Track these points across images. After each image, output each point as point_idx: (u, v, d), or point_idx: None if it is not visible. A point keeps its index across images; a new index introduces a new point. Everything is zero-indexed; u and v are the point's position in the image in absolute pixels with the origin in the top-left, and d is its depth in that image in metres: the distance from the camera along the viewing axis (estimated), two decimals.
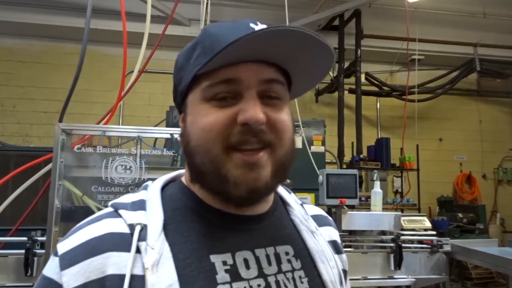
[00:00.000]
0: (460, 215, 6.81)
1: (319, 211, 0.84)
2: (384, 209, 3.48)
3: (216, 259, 0.60)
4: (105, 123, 2.53)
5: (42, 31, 6.43)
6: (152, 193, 0.66)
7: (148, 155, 2.33)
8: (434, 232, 3.21)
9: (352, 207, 3.04)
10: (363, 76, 6.85)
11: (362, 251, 3.03)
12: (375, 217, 3.12)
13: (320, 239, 0.74)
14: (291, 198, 0.79)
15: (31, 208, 2.49)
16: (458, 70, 7.39)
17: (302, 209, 0.78)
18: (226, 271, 0.60)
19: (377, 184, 3.33)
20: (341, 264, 0.76)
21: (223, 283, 0.58)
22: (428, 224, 3.25)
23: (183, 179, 0.71)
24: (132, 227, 0.59)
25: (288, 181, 2.63)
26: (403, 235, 3.05)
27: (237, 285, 0.59)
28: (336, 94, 6.78)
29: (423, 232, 3.18)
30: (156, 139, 3.00)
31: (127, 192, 2.31)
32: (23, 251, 2.24)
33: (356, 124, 6.43)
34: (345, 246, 2.96)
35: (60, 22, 6.23)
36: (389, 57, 7.17)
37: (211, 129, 0.60)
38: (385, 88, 7.39)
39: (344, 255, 0.80)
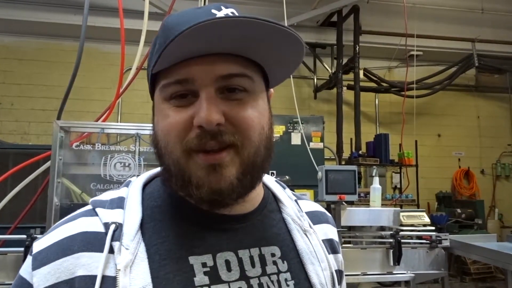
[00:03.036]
0: (459, 210, 6.83)
1: (316, 207, 0.79)
2: (383, 205, 3.49)
3: (195, 260, 0.58)
4: (103, 121, 2.53)
5: (39, 28, 6.40)
6: (132, 190, 0.63)
7: (147, 152, 2.33)
8: (433, 228, 3.22)
9: (351, 203, 3.05)
10: (361, 72, 6.85)
11: (361, 247, 3.04)
12: (374, 213, 3.12)
13: (313, 238, 0.70)
14: (284, 194, 0.75)
15: (30, 206, 2.49)
16: (456, 65, 7.39)
17: (296, 206, 0.74)
18: (205, 273, 0.57)
19: (376, 180, 3.33)
20: (336, 264, 0.72)
21: (201, 286, 0.56)
22: (427, 219, 3.26)
23: None
24: (107, 226, 0.57)
25: (286, 177, 2.63)
26: (402, 230, 3.05)
27: None
28: (334, 90, 6.78)
29: (422, 228, 3.19)
30: None
31: None
32: (22, 249, 2.24)
33: (354, 120, 6.43)
34: (344, 242, 2.96)
35: (58, 19, 6.20)
36: (387, 53, 7.17)
37: (169, 132, 0.57)
38: (384, 84, 7.39)
39: (340, 255, 0.76)
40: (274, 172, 5.00)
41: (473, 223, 6.75)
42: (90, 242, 0.56)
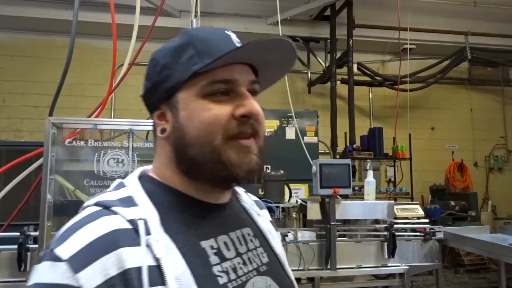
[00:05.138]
0: (452, 203, 6.88)
1: (256, 198, 0.96)
2: (377, 198, 3.51)
3: (205, 244, 0.68)
4: (96, 117, 2.51)
5: (30, 24, 6.34)
6: (136, 190, 0.69)
7: (140, 148, 2.32)
8: (427, 220, 3.24)
9: (345, 197, 3.06)
10: (355, 66, 6.85)
11: (356, 240, 3.06)
12: (368, 206, 3.13)
13: (264, 220, 0.87)
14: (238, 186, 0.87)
15: (23, 203, 2.47)
16: (449, 59, 7.41)
17: (248, 196, 0.90)
18: (215, 254, 0.68)
19: (370, 173, 3.34)
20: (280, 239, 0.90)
21: (215, 265, 0.67)
22: (421, 212, 3.28)
23: (152, 175, 0.75)
24: (133, 222, 0.62)
25: (281, 172, 2.64)
26: (396, 223, 3.07)
27: (225, 265, 0.69)
28: (328, 84, 6.78)
29: (416, 220, 3.21)
30: (148, 131, 2.97)
31: None
32: (15, 246, 2.23)
33: (348, 114, 6.44)
34: (339, 236, 2.98)
35: (49, 15, 6.14)
36: (380, 46, 7.18)
37: (212, 122, 0.67)
38: (377, 78, 7.40)
39: (279, 232, 0.92)
40: (269, 166, 5.00)
41: (467, 215, 6.80)
42: (126, 237, 0.60)
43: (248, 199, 0.88)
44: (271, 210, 3.08)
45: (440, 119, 8.05)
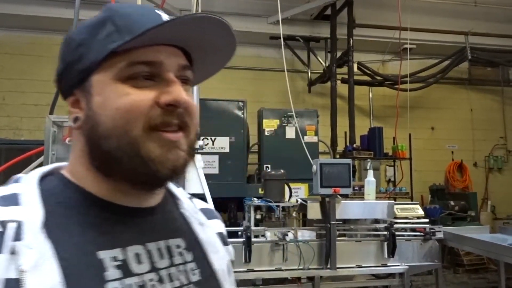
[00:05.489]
0: (452, 203, 6.88)
1: (206, 205, 0.85)
2: (377, 198, 3.52)
3: (105, 255, 0.57)
4: None
5: (30, 22, 6.33)
6: (27, 186, 0.59)
7: None
8: (426, 220, 3.25)
9: (345, 196, 3.06)
10: (355, 66, 6.85)
11: (356, 239, 3.06)
12: (368, 206, 3.14)
13: (209, 231, 0.75)
14: (179, 191, 0.78)
15: None
16: (449, 59, 7.41)
17: (191, 203, 0.78)
18: (117, 267, 0.57)
19: (370, 173, 3.35)
20: (228, 255, 0.78)
21: (113, 280, 0.56)
22: (420, 212, 3.28)
23: (64, 172, 0.65)
24: (3, 224, 0.52)
25: (281, 171, 2.63)
26: (396, 223, 3.08)
27: (129, 281, 0.57)
28: (328, 84, 6.78)
29: (416, 220, 3.22)
30: None
31: None
32: None
33: (349, 114, 6.44)
34: (339, 235, 2.98)
35: (49, 13, 6.13)
36: (381, 46, 7.17)
37: (130, 110, 0.57)
38: (378, 77, 7.40)
39: (230, 247, 0.81)
40: (269, 166, 5.00)
41: (466, 215, 6.81)
42: None
43: (191, 206, 0.76)
44: (271, 210, 3.09)
45: (440, 119, 8.05)
